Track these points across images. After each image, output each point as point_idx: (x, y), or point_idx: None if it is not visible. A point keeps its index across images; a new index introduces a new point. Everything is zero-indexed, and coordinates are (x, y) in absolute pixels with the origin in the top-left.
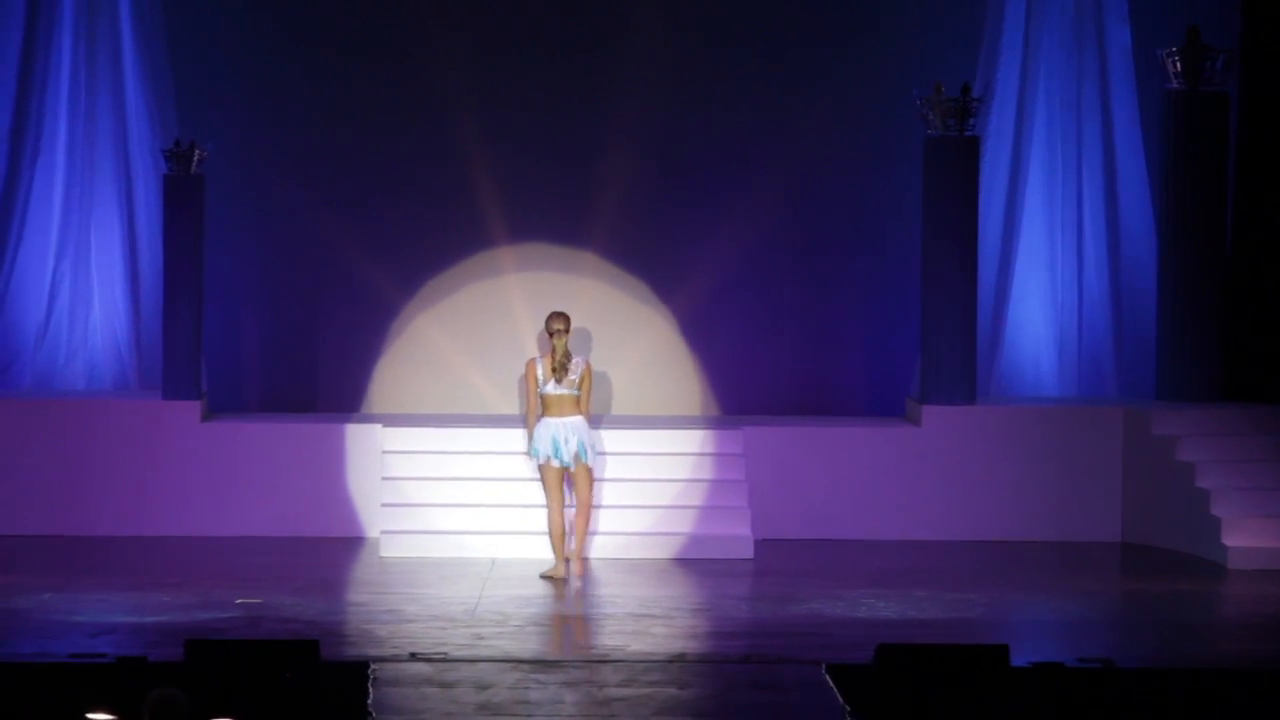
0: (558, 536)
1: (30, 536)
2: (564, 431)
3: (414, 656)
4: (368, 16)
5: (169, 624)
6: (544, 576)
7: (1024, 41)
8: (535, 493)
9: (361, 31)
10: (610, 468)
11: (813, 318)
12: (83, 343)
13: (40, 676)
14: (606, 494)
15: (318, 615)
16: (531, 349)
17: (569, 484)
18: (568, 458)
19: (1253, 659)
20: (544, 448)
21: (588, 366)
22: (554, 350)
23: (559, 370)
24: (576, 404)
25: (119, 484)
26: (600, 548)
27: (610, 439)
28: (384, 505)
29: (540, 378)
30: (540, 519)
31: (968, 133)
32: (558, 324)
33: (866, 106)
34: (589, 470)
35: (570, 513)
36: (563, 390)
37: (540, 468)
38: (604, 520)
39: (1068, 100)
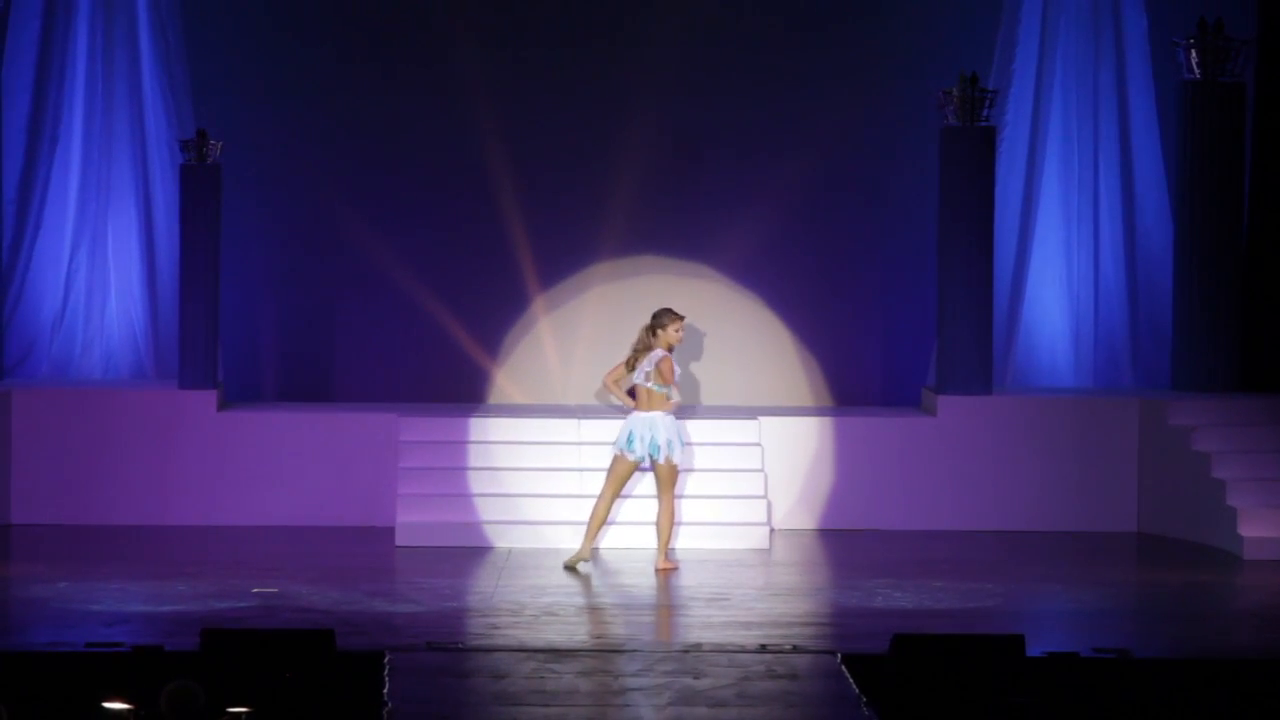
0: (598, 525)
1: (46, 525)
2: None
3: (430, 646)
4: (384, 7)
5: (185, 613)
6: (569, 566)
7: (1041, 30)
8: (551, 483)
9: (378, 21)
10: None
11: (829, 307)
12: (99, 332)
13: (57, 665)
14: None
15: (333, 605)
16: (547, 338)
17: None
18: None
19: (1268, 649)
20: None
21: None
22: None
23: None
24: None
25: (135, 473)
26: (616, 537)
27: None
28: (400, 495)
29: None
30: (555, 508)
31: (980, 123)
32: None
33: (883, 96)
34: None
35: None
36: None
37: (622, 458)
38: (621, 510)
39: (1084, 90)
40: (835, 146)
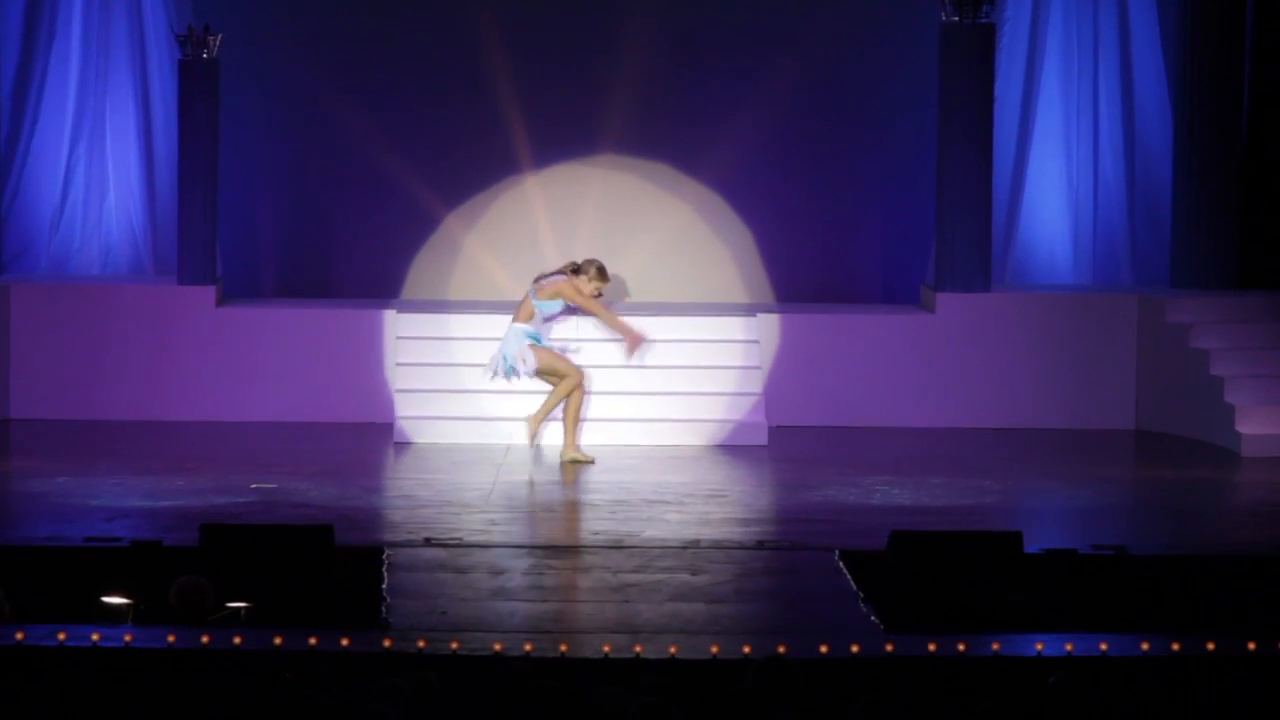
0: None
1: (46, 421)
2: None
3: (428, 542)
4: None
5: (184, 508)
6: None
7: None
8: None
9: None
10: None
11: (828, 204)
12: (98, 227)
13: (56, 560)
14: (622, 380)
15: (332, 500)
16: (546, 234)
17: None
18: None
19: (1265, 545)
20: None
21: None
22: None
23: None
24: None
25: (134, 369)
26: (615, 434)
27: None
28: (398, 391)
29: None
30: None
31: (979, 20)
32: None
33: None
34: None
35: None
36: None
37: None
38: (619, 406)
39: None
40: (834, 45)
